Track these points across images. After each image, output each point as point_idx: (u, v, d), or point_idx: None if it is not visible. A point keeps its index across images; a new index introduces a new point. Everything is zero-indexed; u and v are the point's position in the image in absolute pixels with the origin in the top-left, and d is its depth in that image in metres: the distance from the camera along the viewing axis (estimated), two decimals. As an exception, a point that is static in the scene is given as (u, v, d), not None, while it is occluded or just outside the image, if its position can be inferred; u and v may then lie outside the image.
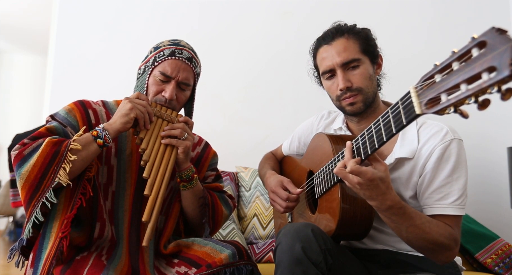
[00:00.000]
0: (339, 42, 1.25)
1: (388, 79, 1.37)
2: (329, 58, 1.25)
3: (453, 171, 1.13)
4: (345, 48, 1.24)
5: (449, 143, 1.14)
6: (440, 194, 1.13)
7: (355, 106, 1.25)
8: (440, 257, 1.10)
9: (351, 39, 1.25)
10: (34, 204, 1.08)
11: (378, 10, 2.69)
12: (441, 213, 1.12)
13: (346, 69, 1.24)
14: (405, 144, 1.19)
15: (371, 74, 1.26)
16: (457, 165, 1.13)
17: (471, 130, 2.39)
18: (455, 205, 1.12)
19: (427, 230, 1.06)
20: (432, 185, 1.14)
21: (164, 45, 1.32)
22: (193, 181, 1.30)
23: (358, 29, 1.28)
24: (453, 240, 1.09)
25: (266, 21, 2.69)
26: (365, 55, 1.25)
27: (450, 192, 1.12)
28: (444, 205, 1.12)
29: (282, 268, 1.02)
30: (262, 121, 2.59)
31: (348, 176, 1.00)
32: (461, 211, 1.12)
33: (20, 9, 5.42)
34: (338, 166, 1.02)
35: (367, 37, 1.28)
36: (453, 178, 1.13)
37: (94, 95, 1.59)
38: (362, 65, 1.24)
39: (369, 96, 1.25)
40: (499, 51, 0.57)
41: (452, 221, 1.11)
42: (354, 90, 1.24)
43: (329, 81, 1.29)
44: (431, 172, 1.14)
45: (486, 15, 2.66)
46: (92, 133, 1.16)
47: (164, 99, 1.28)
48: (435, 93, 0.71)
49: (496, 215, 2.38)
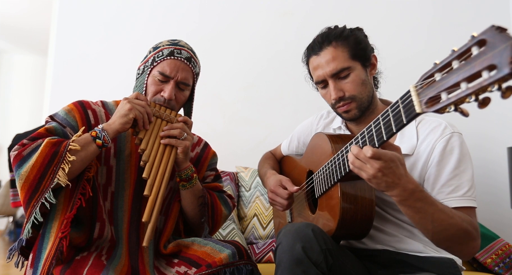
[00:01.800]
0: (327, 52, 1.23)
1: (388, 79, 1.37)
2: (319, 69, 1.24)
3: (459, 163, 1.12)
4: (334, 58, 1.21)
5: (449, 136, 1.14)
6: (450, 187, 1.11)
7: (350, 113, 1.26)
8: (466, 249, 1.07)
9: (339, 47, 1.22)
10: (33, 205, 1.08)
11: (378, 10, 2.69)
12: (456, 205, 1.10)
13: (337, 78, 1.23)
14: (404, 141, 1.19)
15: (364, 78, 1.24)
16: (462, 157, 1.13)
17: (471, 130, 2.39)
18: (467, 196, 1.10)
19: (451, 214, 1.02)
20: (440, 179, 1.13)
21: (163, 45, 1.32)
22: (193, 180, 1.30)
23: (346, 34, 1.24)
24: (474, 228, 1.06)
25: (266, 21, 2.69)
26: (355, 61, 1.23)
27: (460, 184, 1.11)
28: (457, 197, 1.10)
29: (282, 268, 1.02)
30: (262, 121, 2.59)
31: (365, 165, 0.95)
32: (474, 202, 1.11)
33: (20, 9, 5.42)
34: (352, 158, 0.97)
35: (356, 41, 1.24)
36: (460, 170, 1.12)
37: (94, 95, 1.59)
38: (353, 72, 1.22)
39: (363, 101, 1.24)
40: (499, 49, 0.57)
41: (469, 213, 1.09)
42: (347, 99, 1.23)
43: (323, 90, 1.29)
44: (437, 166, 1.13)
45: (486, 15, 2.66)
46: (91, 134, 1.16)
47: (163, 99, 1.28)
48: (435, 91, 0.71)
49: (496, 215, 2.38)
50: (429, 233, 1.05)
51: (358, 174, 0.99)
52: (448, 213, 1.02)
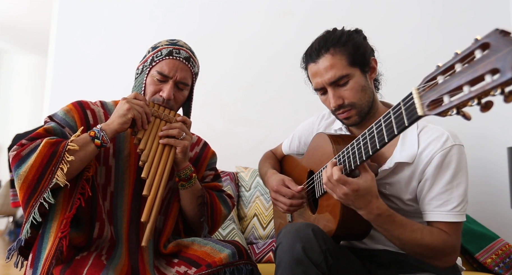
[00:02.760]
0: (325, 59, 1.20)
1: (388, 79, 1.36)
2: (318, 77, 1.23)
3: (453, 178, 1.12)
4: (331, 66, 1.19)
5: (449, 149, 1.12)
6: (440, 201, 1.12)
7: (350, 120, 1.25)
8: (437, 262, 1.11)
9: (337, 54, 1.19)
10: (32, 205, 1.08)
11: (378, 10, 2.69)
12: (439, 219, 1.12)
13: (336, 86, 1.21)
14: (405, 148, 1.18)
15: (363, 84, 1.22)
16: (457, 172, 1.12)
17: (471, 130, 2.39)
18: (454, 212, 1.11)
19: (419, 237, 1.07)
20: (431, 191, 1.13)
21: (162, 45, 1.32)
22: (192, 180, 1.30)
23: (344, 40, 1.20)
24: (449, 246, 1.09)
25: (266, 21, 2.68)
26: (354, 67, 1.20)
27: (450, 199, 1.11)
28: (443, 212, 1.11)
29: (282, 268, 1.02)
30: (262, 121, 2.59)
31: (334, 187, 1.06)
32: (460, 217, 1.12)
33: (20, 9, 5.42)
34: (325, 179, 1.08)
35: (355, 47, 1.20)
36: (453, 185, 1.12)
37: (94, 95, 1.59)
38: (352, 79, 1.20)
39: (363, 108, 1.23)
40: (502, 53, 0.57)
41: (450, 228, 1.11)
42: (347, 106, 1.22)
43: (323, 96, 1.27)
44: (431, 178, 1.13)
45: (486, 15, 2.66)
46: (89, 134, 1.15)
47: (161, 99, 1.28)
48: (437, 94, 0.71)
49: (496, 215, 2.38)
50: (396, 246, 1.13)
51: (330, 194, 1.10)
52: (415, 236, 1.07)
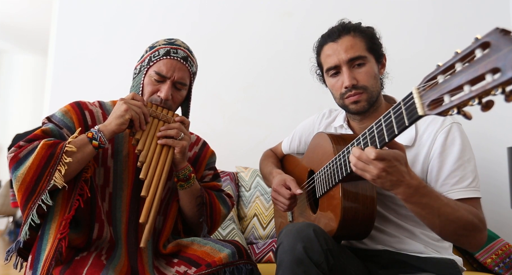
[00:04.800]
0: (346, 39, 1.24)
1: (389, 78, 1.37)
2: (335, 55, 1.25)
3: (462, 153, 1.11)
4: (352, 46, 1.23)
5: (450, 127, 1.13)
6: (455, 178, 1.11)
7: (359, 105, 1.24)
8: (473, 241, 1.07)
9: (357, 37, 1.24)
10: (30, 207, 1.08)
11: (378, 10, 2.69)
12: (461, 197, 1.09)
13: (351, 66, 1.23)
14: (402, 133, 1.19)
15: (376, 73, 1.26)
16: (464, 147, 1.12)
17: (471, 130, 2.37)
18: (472, 187, 1.10)
19: (456, 207, 1.01)
20: (443, 170, 1.13)
21: (159, 44, 1.31)
22: (190, 180, 1.30)
23: (363, 28, 1.28)
24: (480, 220, 1.06)
25: (266, 21, 2.68)
26: (370, 54, 1.25)
27: (464, 175, 1.11)
28: (461, 189, 1.10)
29: (283, 268, 1.01)
30: (262, 121, 2.58)
31: (368, 166, 0.94)
32: (479, 193, 1.10)
33: (20, 9, 5.42)
34: (354, 160, 0.97)
35: (373, 36, 1.28)
36: (464, 160, 1.11)
37: (94, 95, 1.58)
38: (368, 63, 1.24)
39: (373, 95, 1.24)
40: (503, 52, 0.56)
41: (474, 204, 1.09)
42: (360, 88, 1.23)
43: (334, 78, 1.28)
44: (439, 157, 1.13)
45: (486, 15, 2.66)
46: (87, 135, 1.15)
47: (159, 99, 1.28)
48: (438, 94, 0.71)
49: (496, 215, 2.38)
50: (436, 228, 1.05)
51: (361, 175, 0.98)
52: (453, 207, 1.02)
